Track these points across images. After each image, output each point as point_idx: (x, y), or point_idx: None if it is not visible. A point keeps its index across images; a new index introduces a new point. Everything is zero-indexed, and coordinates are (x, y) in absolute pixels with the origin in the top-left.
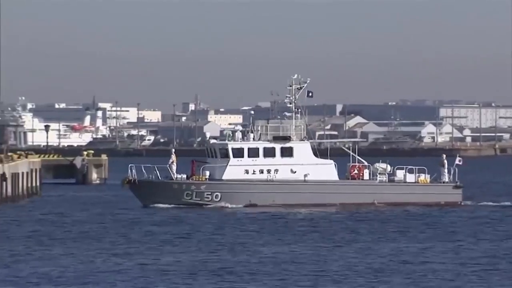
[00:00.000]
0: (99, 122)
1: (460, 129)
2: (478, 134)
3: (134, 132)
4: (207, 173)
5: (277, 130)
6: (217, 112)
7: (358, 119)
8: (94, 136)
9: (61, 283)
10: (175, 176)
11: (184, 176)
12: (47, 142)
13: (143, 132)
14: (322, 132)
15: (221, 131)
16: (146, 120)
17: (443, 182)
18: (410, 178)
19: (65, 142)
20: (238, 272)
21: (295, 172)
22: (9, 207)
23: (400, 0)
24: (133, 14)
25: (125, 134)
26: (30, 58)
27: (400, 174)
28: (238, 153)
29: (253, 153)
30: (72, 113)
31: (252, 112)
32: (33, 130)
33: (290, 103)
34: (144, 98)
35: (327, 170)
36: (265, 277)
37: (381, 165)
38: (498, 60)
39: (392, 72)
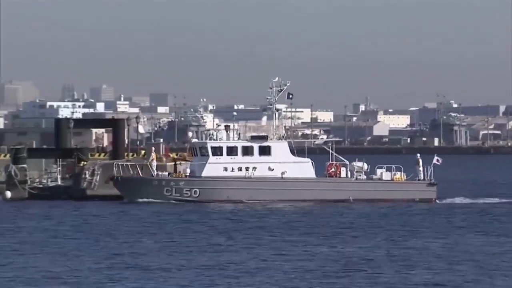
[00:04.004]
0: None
1: None
2: None
3: (307, 131)
4: (188, 170)
5: (256, 129)
6: (386, 112)
7: None
8: None
9: None
10: (155, 173)
11: (166, 173)
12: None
13: (316, 131)
14: (485, 132)
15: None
16: (319, 120)
17: (418, 180)
18: (386, 176)
19: None
20: None
21: (273, 169)
22: None
23: None
24: (308, 16)
25: (299, 133)
26: (212, 64)
27: (378, 172)
28: (217, 151)
29: (232, 151)
30: (250, 114)
31: (235, 113)
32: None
33: (271, 105)
34: (317, 100)
35: (304, 168)
36: None
37: (357, 164)
38: None
39: None
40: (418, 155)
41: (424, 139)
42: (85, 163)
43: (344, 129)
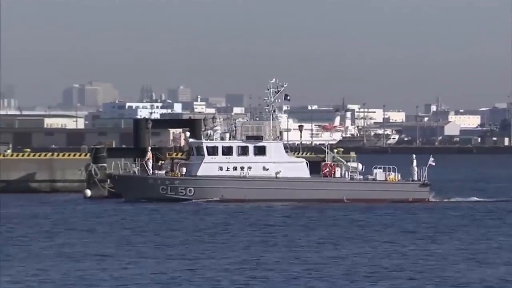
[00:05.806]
0: (348, 122)
1: None
2: None
3: (380, 131)
4: (183, 169)
5: (252, 130)
6: (457, 112)
7: None
8: (344, 135)
9: None
10: (151, 172)
11: (163, 172)
12: (301, 141)
13: (388, 131)
14: None
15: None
16: (391, 120)
17: (412, 181)
18: (380, 176)
19: (317, 141)
20: None
21: (268, 169)
22: None
23: None
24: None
25: (372, 133)
26: (286, 64)
27: (374, 172)
28: (213, 151)
29: (227, 151)
30: (324, 114)
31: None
32: (288, 130)
33: (268, 105)
34: (390, 100)
35: (298, 168)
36: None
37: (352, 164)
38: None
39: None
40: (413, 155)
41: (495, 138)
42: (163, 162)
43: (416, 129)
